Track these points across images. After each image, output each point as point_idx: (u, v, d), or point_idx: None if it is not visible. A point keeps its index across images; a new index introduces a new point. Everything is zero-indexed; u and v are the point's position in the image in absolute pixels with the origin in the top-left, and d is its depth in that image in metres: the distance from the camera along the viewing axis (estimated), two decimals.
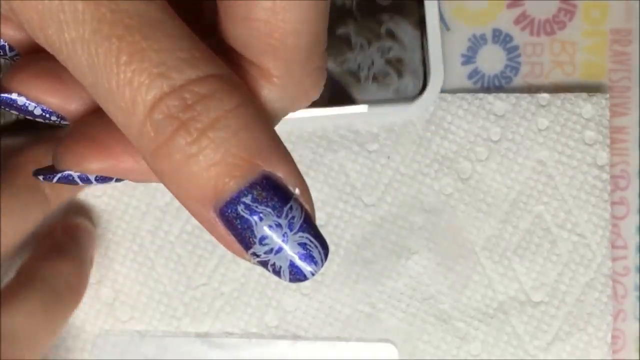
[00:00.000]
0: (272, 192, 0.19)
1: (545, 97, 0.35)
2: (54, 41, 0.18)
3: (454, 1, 0.35)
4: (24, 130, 0.35)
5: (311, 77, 0.21)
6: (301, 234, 0.19)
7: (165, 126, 0.18)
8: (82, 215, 0.36)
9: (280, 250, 0.19)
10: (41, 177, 0.23)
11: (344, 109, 0.35)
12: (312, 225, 0.19)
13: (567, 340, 0.35)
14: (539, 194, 0.35)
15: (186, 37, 0.19)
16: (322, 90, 0.22)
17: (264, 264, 0.19)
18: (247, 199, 0.19)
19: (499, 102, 0.35)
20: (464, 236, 0.35)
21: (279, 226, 0.19)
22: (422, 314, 0.35)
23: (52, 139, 0.34)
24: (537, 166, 0.35)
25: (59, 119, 0.23)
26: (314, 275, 0.19)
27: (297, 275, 0.19)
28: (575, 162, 0.35)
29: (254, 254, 0.19)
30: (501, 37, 0.36)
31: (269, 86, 0.21)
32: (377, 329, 0.36)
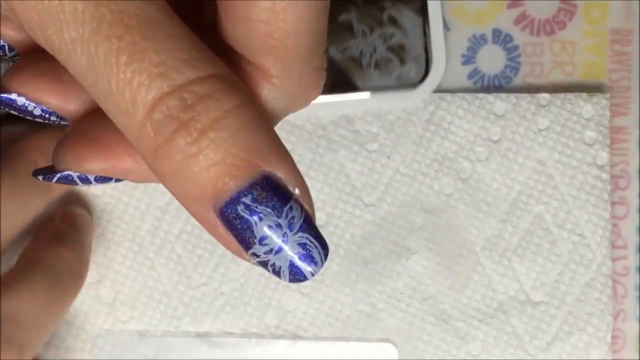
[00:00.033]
0: (272, 192, 0.19)
1: (545, 97, 0.35)
2: (53, 41, 0.18)
3: (454, 1, 0.35)
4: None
5: (311, 77, 0.21)
6: (301, 234, 0.19)
7: (165, 126, 0.18)
8: (79, 206, 0.36)
9: (280, 250, 0.19)
10: (40, 178, 0.23)
11: (347, 96, 0.35)
12: (312, 225, 0.19)
13: (567, 340, 0.35)
14: (539, 194, 0.35)
15: (186, 37, 0.19)
16: (323, 85, 0.22)
17: (264, 264, 0.19)
18: (247, 199, 0.19)
19: (499, 102, 0.35)
20: (464, 236, 0.35)
21: (279, 226, 0.19)
22: (422, 314, 0.35)
23: (53, 126, 0.34)
24: (537, 166, 0.35)
25: (58, 119, 0.23)
26: (313, 275, 0.19)
27: (297, 275, 0.19)
28: (575, 162, 0.35)
29: (254, 254, 0.19)
30: (501, 37, 0.36)
31: (268, 87, 0.21)
32: (377, 329, 0.36)
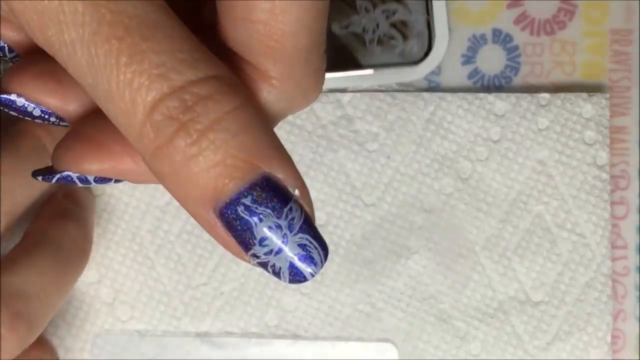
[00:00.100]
0: (271, 193, 0.19)
1: (545, 97, 0.35)
2: (53, 42, 0.18)
3: (454, 1, 0.35)
4: None
5: (310, 78, 0.21)
6: (301, 235, 0.19)
7: (165, 127, 0.18)
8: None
9: (280, 251, 0.19)
10: (40, 178, 0.23)
11: (350, 73, 0.35)
12: (311, 226, 0.19)
13: (567, 340, 0.35)
14: (539, 193, 0.35)
15: (186, 39, 0.19)
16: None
17: (264, 265, 0.19)
18: (246, 200, 0.19)
19: (499, 102, 0.35)
20: (464, 236, 0.35)
21: (279, 227, 0.19)
22: (422, 314, 0.35)
23: None
24: (537, 166, 0.35)
25: (58, 120, 0.23)
26: (313, 276, 0.19)
27: (296, 276, 0.19)
28: (575, 162, 0.35)
29: (254, 255, 0.19)
30: (501, 37, 0.36)
31: (268, 88, 0.21)
32: (377, 329, 0.36)
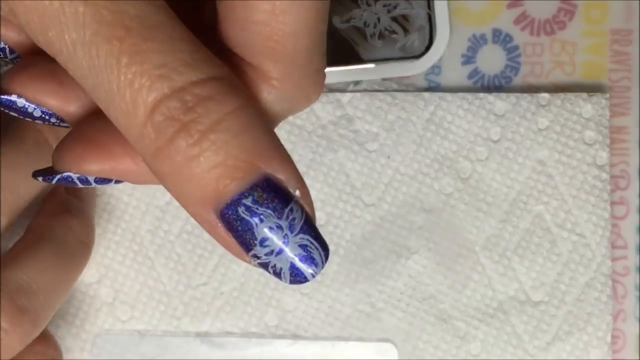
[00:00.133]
0: (272, 193, 0.19)
1: (545, 97, 0.35)
2: (54, 43, 0.18)
3: (454, 1, 0.35)
4: None
5: (311, 79, 0.21)
6: (302, 236, 0.19)
7: (166, 128, 0.18)
8: None
9: (280, 252, 0.19)
10: (40, 178, 0.23)
11: (351, 67, 0.35)
12: (312, 226, 0.19)
13: (567, 340, 0.35)
14: (538, 193, 0.35)
15: (186, 39, 0.19)
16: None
17: (265, 266, 0.19)
18: (247, 201, 0.19)
19: (499, 102, 0.35)
20: (464, 236, 0.35)
21: (280, 228, 0.19)
22: (422, 314, 0.35)
23: None
24: (537, 166, 0.35)
25: (58, 121, 0.23)
26: (314, 277, 0.19)
27: (297, 277, 0.19)
28: (575, 162, 0.35)
29: (255, 256, 0.19)
30: (501, 37, 0.36)
31: (268, 88, 0.21)
32: (377, 329, 0.36)
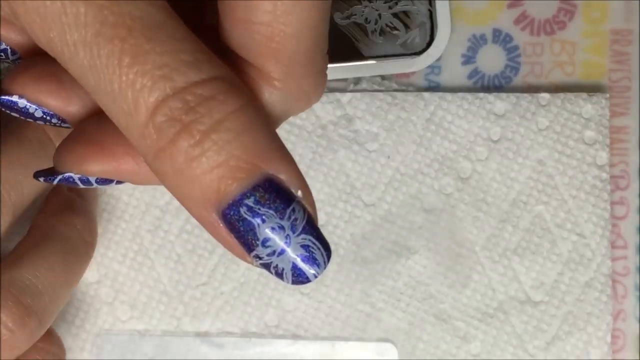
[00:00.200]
0: (274, 194, 0.19)
1: (545, 97, 0.35)
2: (55, 44, 0.18)
3: (454, 1, 0.35)
4: None
5: (312, 79, 0.21)
6: (304, 236, 0.19)
7: (167, 128, 0.18)
8: None
9: (282, 252, 0.19)
10: (42, 179, 0.23)
11: (352, 63, 0.35)
12: (314, 227, 0.19)
13: (567, 339, 0.35)
14: (538, 193, 0.35)
15: (188, 39, 0.19)
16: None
17: (267, 267, 0.19)
18: (249, 201, 0.19)
19: (499, 102, 0.35)
20: (464, 236, 0.35)
21: (282, 228, 0.19)
22: (422, 314, 0.35)
23: None
24: (537, 166, 0.35)
25: (59, 122, 0.23)
26: (316, 277, 0.19)
27: (299, 277, 0.19)
28: (575, 162, 0.35)
29: (257, 257, 0.19)
30: (501, 37, 0.36)
31: (269, 89, 0.21)
32: (376, 329, 0.36)
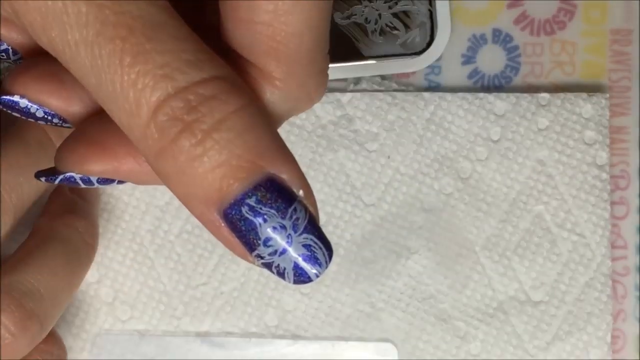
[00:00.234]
0: (276, 193, 0.19)
1: (545, 97, 0.35)
2: (57, 43, 0.18)
3: (454, 1, 0.35)
4: None
5: (313, 79, 0.21)
6: (305, 236, 0.19)
7: (169, 128, 0.18)
8: None
9: (284, 252, 0.19)
10: (43, 179, 0.23)
11: (352, 63, 0.35)
12: (316, 226, 0.19)
13: (567, 339, 0.35)
14: (538, 193, 0.35)
15: (189, 39, 0.19)
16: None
17: (268, 266, 0.19)
18: (251, 201, 0.19)
19: (499, 102, 0.35)
20: (464, 236, 0.35)
21: (283, 228, 0.19)
22: (422, 314, 0.35)
23: None
24: (537, 166, 0.35)
25: (61, 121, 0.23)
26: (318, 277, 0.19)
27: (301, 277, 0.19)
28: (575, 161, 0.35)
29: (258, 256, 0.19)
30: (501, 37, 0.36)
31: (271, 89, 0.21)
32: (377, 329, 0.36)
